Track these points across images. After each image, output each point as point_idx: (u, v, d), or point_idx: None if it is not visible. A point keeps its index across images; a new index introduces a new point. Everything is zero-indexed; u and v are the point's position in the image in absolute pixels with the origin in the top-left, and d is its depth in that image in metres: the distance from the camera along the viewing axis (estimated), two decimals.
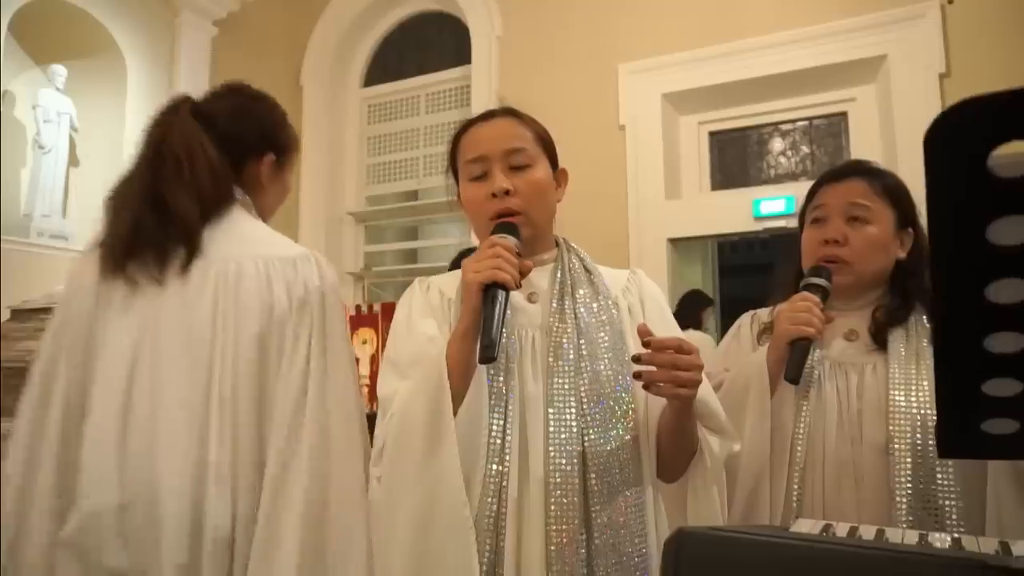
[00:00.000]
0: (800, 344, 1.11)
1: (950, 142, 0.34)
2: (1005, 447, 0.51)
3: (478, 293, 0.93)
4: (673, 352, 0.92)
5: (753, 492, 1.13)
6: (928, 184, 0.36)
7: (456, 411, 0.93)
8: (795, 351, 1.11)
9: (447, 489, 0.90)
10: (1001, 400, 0.48)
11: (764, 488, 1.12)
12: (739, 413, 1.15)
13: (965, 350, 0.45)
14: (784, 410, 1.15)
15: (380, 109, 4.79)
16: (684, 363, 0.92)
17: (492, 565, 0.92)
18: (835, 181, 1.24)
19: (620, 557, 0.93)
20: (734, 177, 4.07)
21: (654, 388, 0.93)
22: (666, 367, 0.92)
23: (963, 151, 0.34)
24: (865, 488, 1.10)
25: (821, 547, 0.53)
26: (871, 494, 1.09)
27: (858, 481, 1.10)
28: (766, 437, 1.13)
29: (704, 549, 0.58)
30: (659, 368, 0.92)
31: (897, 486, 1.06)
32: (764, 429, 1.13)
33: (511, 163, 1.06)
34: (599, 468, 0.96)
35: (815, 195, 1.27)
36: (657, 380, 0.92)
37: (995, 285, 0.41)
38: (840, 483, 1.11)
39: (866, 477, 1.10)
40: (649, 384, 0.93)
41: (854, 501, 1.09)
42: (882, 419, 1.11)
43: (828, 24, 3.53)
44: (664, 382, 0.92)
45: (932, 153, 0.34)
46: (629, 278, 1.15)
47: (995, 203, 0.36)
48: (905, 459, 1.07)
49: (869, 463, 1.10)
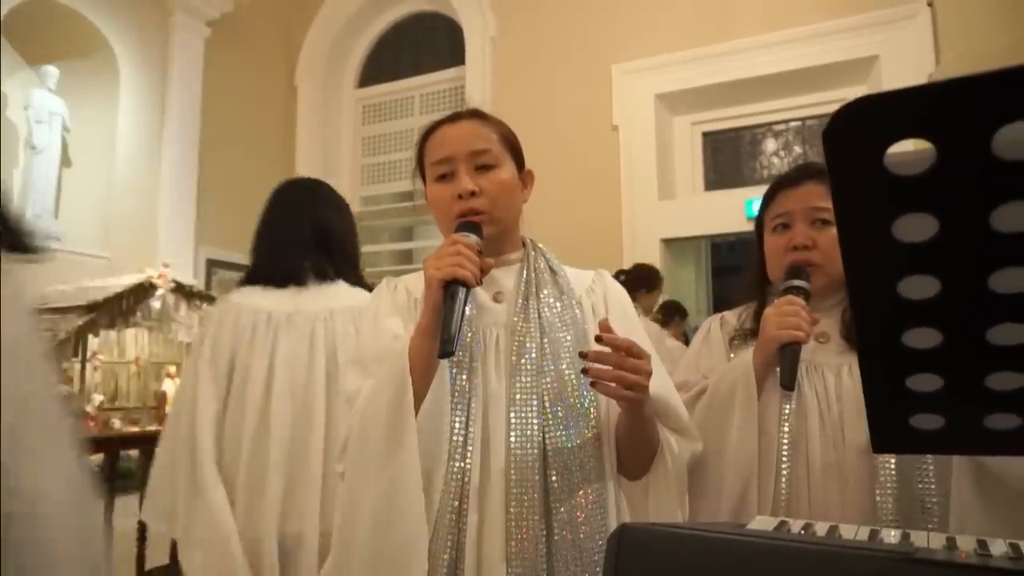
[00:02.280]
0: (791, 348, 1.11)
1: (846, 140, 0.35)
2: (934, 441, 0.51)
3: (439, 290, 0.94)
4: (622, 353, 0.93)
5: (741, 496, 1.13)
6: (831, 182, 0.37)
7: (418, 408, 0.94)
8: (786, 356, 1.10)
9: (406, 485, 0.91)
10: (925, 395, 0.49)
11: (752, 493, 1.12)
12: (726, 417, 1.15)
13: (885, 346, 0.46)
14: (769, 413, 1.15)
15: (374, 110, 4.80)
16: (630, 365, 0.92)
17: (454, 561, 0.93)
18: (792, 187, 1.24)
19: (580, 554, 0.94)
20: (727, 177, 4.08)
21: (600, 386, 0.93)
22: (614, 367, 0.92)
23: (860, 149, 0.34)
24: (850, 490, 1.10)
25: (756, 542, 0.54)
26: (856, 495, 1.09)
27: (843, 483, 1.10)
28: (754, 441, 1.13)
29: (645, 543, 0.58)
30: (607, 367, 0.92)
31: (880, 487, 1.06)
32: (752, 433, 1.13)
33: (476, 164, 1.07)
34: (560, 466, 0.97)
35: (772, 201, 1.27)
36: (602, 379, 0.93)
37: (906, 282, 0.41)
38: (826, 486, 1.11)
39: (851, 479, 1.10)
40: (595, 382, 0.93)
41: (840, 503, 1.09)
42: (862, 421, 1.11)
43: (820, 25, 3.53)
44: (610, 381, 0.93)
45: (831, 150, 0.35)
46: (594, 279, 1.16)
47: (896, 200, 0.36)
48: (888, 460, 1.07)
49: (853, 465, 1.10)
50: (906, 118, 0.33)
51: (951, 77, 0.34)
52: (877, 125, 0.34)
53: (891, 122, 0.33)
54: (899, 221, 0.38)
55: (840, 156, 0.35)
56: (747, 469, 1.12)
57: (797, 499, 1.10)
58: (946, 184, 0.34)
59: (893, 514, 1.05)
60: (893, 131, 0.33)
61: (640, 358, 0.92)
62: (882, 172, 0.35)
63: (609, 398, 0.96)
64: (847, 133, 0.35)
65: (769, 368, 1.14)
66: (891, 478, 1.06)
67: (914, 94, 0.33)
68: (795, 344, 1.10)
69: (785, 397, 1.13)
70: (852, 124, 0.34)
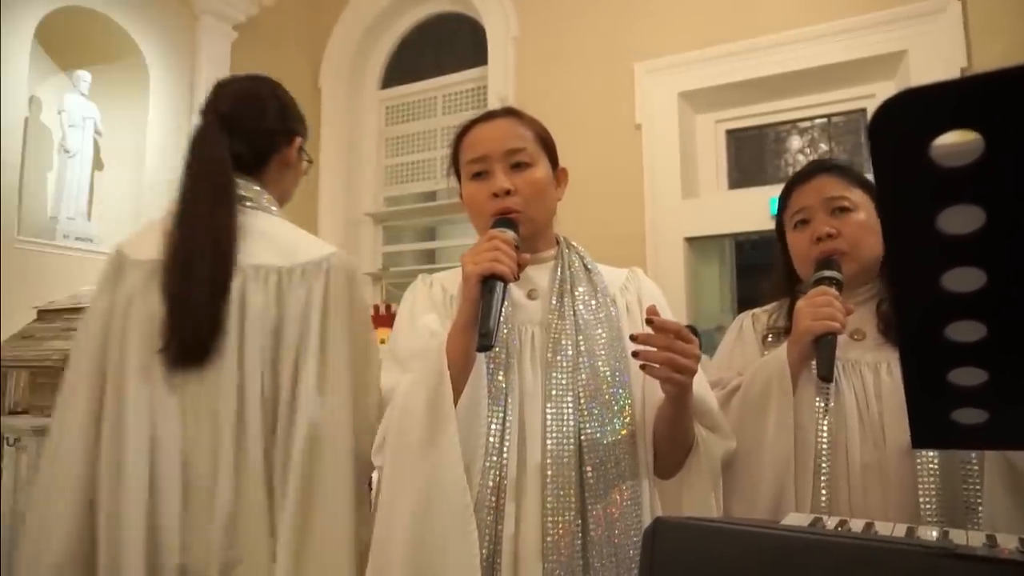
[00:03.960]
0: (826, 340, 1.10)
1: (892, 133, 0.35)
2: (976, 437, 0.51)
3: (476, 285, 0.95)
4: (672, 336, 0.92)
5: (777, 497, 1.11)
6: (876, 175, 0.36)
7: (456, 403, 0.95)
8: (822, 347, 1.09)
9: (448, 478, 0.92)
10: (968, 389, 0.48)
11: (788, 492, 1.10)
12: (761, 414, 1.13)
13: (927, 340, 0.46)
14: (805, 409, 1.13)
15: (398, 110, 4.83)
16: (680, 348, 0.93)
17: (491, 555, 0.94)
18: (805, 182, 1.24)
19: (615, 550, 0.94)
20: (752, 175, 4.03)
21: (649, 369, 0.94)
22: (663, 349, 0.92)
23: (905, 141, 0.34)
24: (892, 490, 1.08)
25: (792, 536, 0.54)
26: (899, 496, 1.07)
27: (884, 484, 1.08)
28: (790, 437, 1.11)
29: (680, 537, 0.59)
30: (657, 349, 0.93)
31: (923, 488, 1.04)
32: (788, 429, 1.12)
33: (511, 162, 1.08)
34: (595, 462, 0.97)
35: (788, 200, 1.26)
36: (653, 361, 0.93)
37: (950, 274, 0.41)
38: (866, 486, 1.09)
39: (893, 480, 1.08)
40: (645, 365, 0.94)
41: (881, 504, 1.07)
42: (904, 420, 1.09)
43: (846, 20, 3.48)
44: (660, 363, 0.93)
45: (876, 144, 0.35)
46: (628, 277, 1.16)
47: (941, 193, 0.36)
48: (931, 460, 1.05)
49: (895, 465, 1.08)
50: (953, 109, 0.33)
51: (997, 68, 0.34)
52: (923, 117, 0.34)
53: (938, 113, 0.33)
54: (944, 213, 0.38)
55: (886, 149, 0.35)
56: (784, 466, 1.10)
57: (837, 500, 1.08)
58: (995, 175, 0.34)
59: (937, 515, 1.03)
60: (940, 122, 0.33)
61: (689, 342, 0.93)
62: (928, 164, 0.35)
63: (653, 394, 0.97)
64: (893, 126, 0.35)
65: (804, 362, 1.13)
66: (934, 479, 1.04)
67: (962, 85, 0.33)
68: (830, 335, 1.09)
69: (822, 392, 1.12)
70: (898, 116, 0.34)
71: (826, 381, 1.08)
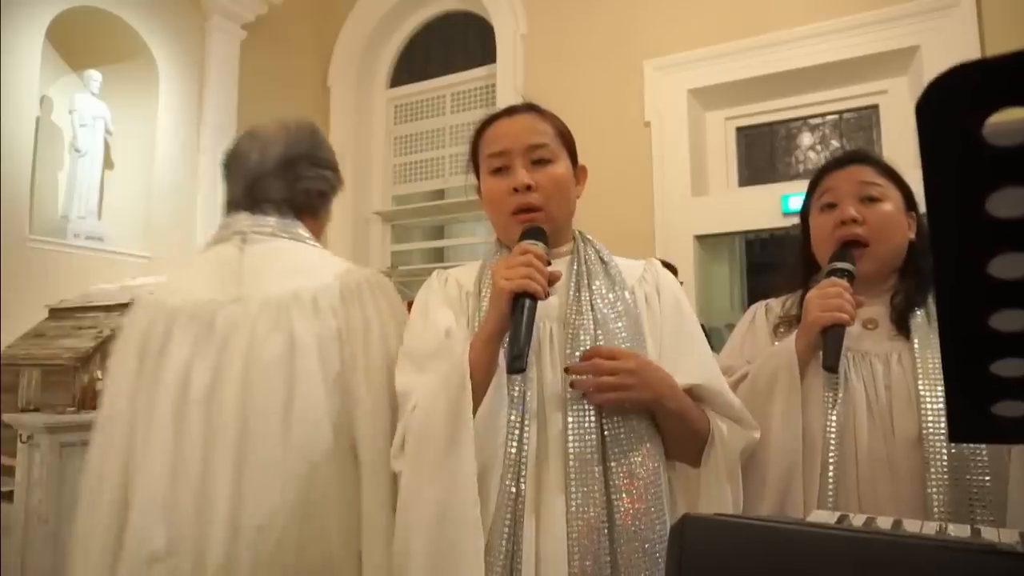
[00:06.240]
0: (834, 331, 1.09)
1: (942, 111, 0.33)
2: (1017, 430, 0.49)
3: (508, 301, 0.94)
4: (598, 359, 0.97)
5: (784, 489, 1.10)
6: (923, 157, 0.35)
7: (476, 409, 0.94)
8: (830, 338, 1.09)
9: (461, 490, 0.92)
10: (1011, 381, 0.47)
11: (796, 483, 1.09)
12: (768, 403, 1.13)
13: (970, 329, 0.44)
14: (813, 399, 1.12)
15: (406, 109, 4.83)
16: (606, 368, 0.96)
17: (511, 554, 0.93)
18: (839, 168, 1.23)
19: (643, 544, 0.93)
20: (762, 173, 4.01)
21: (589, 396, 0.98)
22: (590, 372, 0.96)
23: (956, 120, 0.33)
24: (901, 482, 1.07)
25: (821, 532, 0.52)
26: (907, 488, 1.06)
27: (893, 476, 1.07)
28: (798, 427, 1.10)
29: (708, 534, 0.57)
30: (586, 375, 0.97)
31: (932, 479, 1.03)
32: (795, 419, 1.11)
33: (532, 158, 1.07)
34: (618, 455, 0.97)
35: (819, 184, 1.26)
36: (583, 387, 0.97)
37: (998, 260, 0.40)
38: (875, 478, 1.08)
39: (901, 471, 1.07)
40: (584, 393, 0.98)
41: (891, 496, 1.06)
42: (913, 411, 1.08)
43: (858, 15, 3.46)
44: (591, 388, 0.97)
45: (924, 124, 0.34)
46: (645, 268, 1.15)
47: (993, 173, 0.35)
48: (939, 452, 1.04)
49: (903, 457, 1.07)
50: (1011, 85, 0.31)
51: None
52: (977, 94, 0.32)
53: (994, 90, 0.32)
54: (994, 196, 0.36)
55: (935, 127, 0.34)
56: (791, 457, 1.09)
57: (845, 492, 1.07)
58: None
59: (946, 507, 1.02)
60: (996, 100, 0.32)
61: (614, 359, 0.96)
62: (980, 144, 0.34)
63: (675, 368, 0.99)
64: (944, 104, 0.33)
65: (812, 352, 1.12)
66: (943, 471, 1.03)
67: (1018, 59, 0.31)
68: (838, 326, 1.08)
69: (829, 383, 1.11)
70: (949, 94, 0.33)
71: (831, 371, 1.08)
